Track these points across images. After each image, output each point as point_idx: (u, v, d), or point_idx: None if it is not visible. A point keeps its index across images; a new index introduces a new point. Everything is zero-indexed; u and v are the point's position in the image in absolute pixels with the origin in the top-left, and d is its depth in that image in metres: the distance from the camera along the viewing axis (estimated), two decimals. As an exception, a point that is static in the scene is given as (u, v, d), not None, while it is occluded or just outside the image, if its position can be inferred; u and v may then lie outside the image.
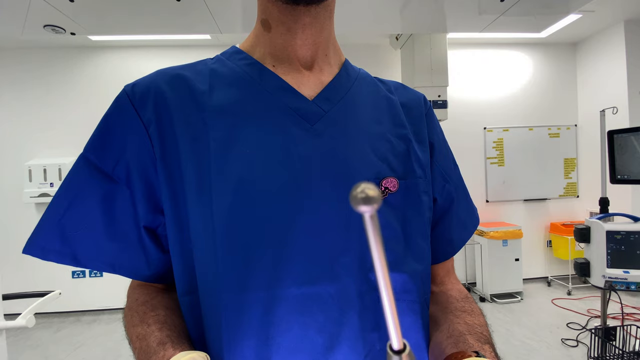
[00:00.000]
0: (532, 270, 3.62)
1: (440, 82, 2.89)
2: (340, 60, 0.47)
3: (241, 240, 0.36)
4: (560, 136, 3.61)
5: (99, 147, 0.40)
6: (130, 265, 0.41)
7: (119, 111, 0.41)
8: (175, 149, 0.38)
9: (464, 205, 0.53)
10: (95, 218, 0.39)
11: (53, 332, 2.96)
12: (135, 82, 0.42)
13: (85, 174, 0.40)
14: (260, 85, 0.41)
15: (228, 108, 0.39)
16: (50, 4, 1.92)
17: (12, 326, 1.22)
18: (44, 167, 3.08)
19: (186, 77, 0.41)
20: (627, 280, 1.37)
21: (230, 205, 0.36)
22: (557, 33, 3.35)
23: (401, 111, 0.46)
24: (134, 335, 0.38)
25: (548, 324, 2.71)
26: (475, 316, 0.43)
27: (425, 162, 0.46)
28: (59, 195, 0.40)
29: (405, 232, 0.41)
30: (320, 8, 0.39)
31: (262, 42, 0.43)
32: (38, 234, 0.39)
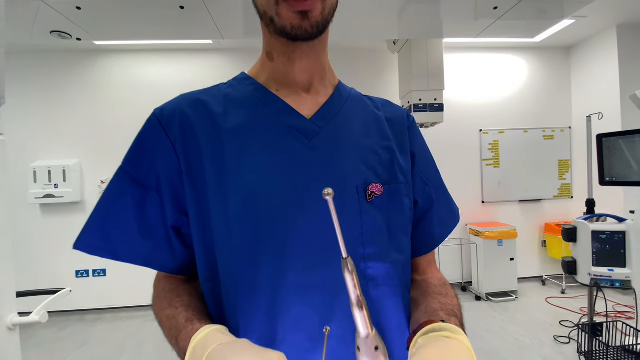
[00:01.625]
0: (527, 269, 3.69)
1: (436, 85, 2.95)
2: (334, 82, 0.54)
3: (251, 237, 0.43)
4: (554, 138, 3.68)
5: (134, 161, 0.48)
6: (159, 259, 0.48)
7: (150, 131, 0.48)
8: (198, 162, 0.45)
9: (445, 205, 0.60)
10: (130, 219, 0.46)
11: (57, 330, 3.02)
12: (163, 106, 0.49)
13: (122, 182, 0.47)
14: (265, 107, 0.48)
15: (240, 127, 0.46)
16: (58, 11, 1.98)
17: (27, 322, 1.28)
18: (48, 169, 3.13)
19: (205, 101, 0.49)
20: (612, 278, 1.43)
21: (242, 209, 0.43)
22: (552, 37, 3.42)
23: (386, 126, 0.53)
24: (163, 317, 0.45)
25: (541, 322, 2.78)
26: (449, 298, 0.49)
27: (407, 169, 0.53)
28: (101, 200, 0.47)
29: (389, 228, 0.48)
30: (316, 41, 0.46)
31: (267, 70, 0.51)
32: (85, 233, 0.46)
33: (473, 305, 3.20)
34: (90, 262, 3.33)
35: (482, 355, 2.33)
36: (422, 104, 2.97)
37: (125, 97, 3.36)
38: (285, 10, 0.41)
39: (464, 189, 3.67)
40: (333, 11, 0.45)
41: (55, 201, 3.13)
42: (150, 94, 3.37)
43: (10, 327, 1.28)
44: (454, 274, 3.64)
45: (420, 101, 2.96)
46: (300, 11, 0.41)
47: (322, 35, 0.46)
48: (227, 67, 3.47)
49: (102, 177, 3.29)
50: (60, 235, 3.27)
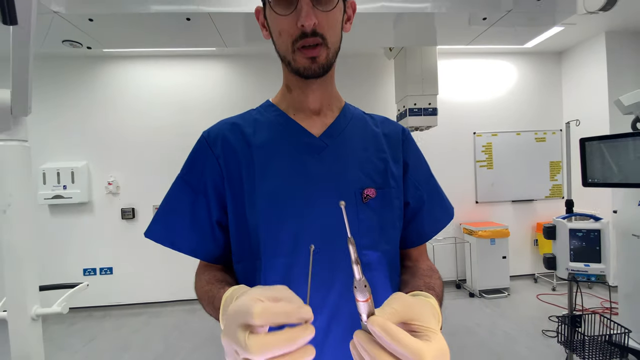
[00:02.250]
0: (519, 267, 3.81)
1: (430, 90, 3.08)
2: (340, 105, 0.67)
3: (273, 228, 0.56)
4: (546, 140, 3.81)
5: (188, 171, 0.62)
6: (205, 249, 0.61)
7: (199, 149, 0.63)
8: (236, 171, 0.59)
9: (438, 204, 0.70)
10: (185, 216, 0.60)
11: (66, 326, 3.13)
12: (209, 130, 0.64)
13: (179, 187, 0.62)
14: (285, 129, 0.62)
15: (265, 144, 0.60)
16: (71, 22, 2.10)
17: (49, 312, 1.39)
18: (57, 171, 3.25)
19: (239, 124, 0.63)
20: (588, 273, 1.55)
21: (266, 206, 0.56)
22: (543, 43, 3.54)
23: (383, 140, 0.65)
24: (202, 293, 0.56)
25: (531, 317, 2.91)
26: (433, 279, 0.58)
27: (398, 176, 0.64)
28: (164, 200, 0.62)
29: (380, 224, 0.60)
30: (323, 78, 0.60)
31: (286, 99, 0.65)
32: (153, 225, 0.61)
33: (466, 302, 3.32)
34: (98, 261, 3.45)
35: (474, 348, 2.45)
36: (417, 108, 3.09)
37: (131, 101, 3.48)
38: (299, 57, 0.55)
39: (459, 189, 3.79)
40: (336, 54, 0.58)
41: (63, 202, 3.25)
42: (155, 98, 3.50)
43: (34, 317, 1.39)
44: (448, 271, 3.77)
45: (415, 105, 3.08)
46: (310, 57, 0.54)
47: (328, 73, 0.59)
48: (229, 72, 3.59)
49: (108, 179, 3.41)
50: (68, 234, 3.39)
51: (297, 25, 0.52)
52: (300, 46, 0.53)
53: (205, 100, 3.55)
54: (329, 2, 0.53)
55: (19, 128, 1.36)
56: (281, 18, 0.53)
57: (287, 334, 0.30)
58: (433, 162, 3.22)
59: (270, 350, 0.30)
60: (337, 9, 0.55)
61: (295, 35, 0.53)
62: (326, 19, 0.53)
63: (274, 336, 0.30)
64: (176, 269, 3.49)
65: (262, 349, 0.30)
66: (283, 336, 0.30)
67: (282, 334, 0.30)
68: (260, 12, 0.61)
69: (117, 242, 3.46)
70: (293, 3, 0.52)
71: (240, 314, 0.32)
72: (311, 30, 0.52)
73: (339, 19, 0.56)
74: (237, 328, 0.31)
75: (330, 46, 0.55)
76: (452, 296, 3.48)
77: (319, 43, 0.53)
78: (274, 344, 0.30)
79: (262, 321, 0.30)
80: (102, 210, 3.44)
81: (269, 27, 0.59)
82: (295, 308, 0.32)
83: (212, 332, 2.90)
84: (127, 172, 3.46)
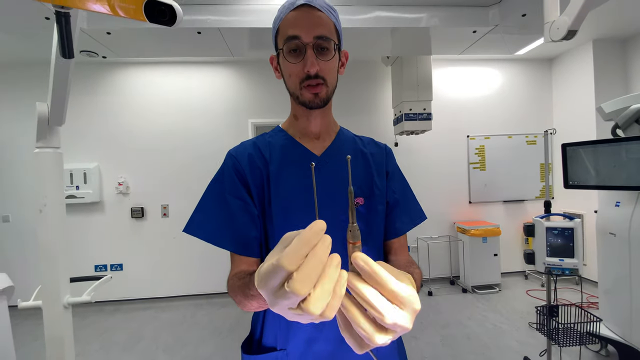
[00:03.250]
0: (510, 264, 3.99)
1: (425, 96, 3.25)
2: (336, 129, 0.83)
3: (284, 224, 0.71)
4: (537, 143, 3.97)
5: (219, 180, 0.75)
6: (241, 243, 0.70)
7: (228, 163, 0.76)
8: (259, 182, 0.74)
9: (408, 208, 0.85)
10: (219, 216, 0.71)
11: (79, 320, 3.30)
12: (235, 149, 0.78)
13: (211, 193, 0.74)
14: (292, 150, 0.77)
15: (277, 163, 0.75)
16: (91, 35, 2.26)
17: (79, 301, 1.55)
18: (70, 172, 3.41)
19: (258, 145, 0.78)
20: (562, 267, 1.72)
21: (279, 212, 0.72)
22: (534, 50, 3.70)
23: (369, 158, 0.81)
24: (236, 289, 0.59)
25: (519, 311, 3.08)
26: (411, 269, 0.65)
27: (382, 187, 0.80)
28: (200, 202, 0.74)
29: (367, 226, 0.76)
30: (323, 108, 0.76)
31: (293, 125, 0.80)
32: (190, 222, 0.72)
33: (459, 297, 3.49)
34: (108, 258, 3.62)
35: (465, 339, 2.62)
36: (413, 113, 3.26)
37: (140, 105, 3.64)
38: (305, 93, 0.71)
39: (453, 190, 3.96)
40: (333, 91, 0.75)
41: (76, 201, 3.41)
42: (163, 102, 3.66)
43: (66, 305, 1.56)
44: (443, 268, 3.94)
45: (410, 110, 3.25)
46: (314, 93, 0.70)
47: (327, 105, 0.76)
48: (233, 77, 3.75)
49: (119, 179, 3.57)
50: (81, 232, 3.56)
51: (304, 70, 0.68)
52: (305, 85, 0.70)
53: (210, 104, 3.71)
54: (328, 54, 0.70)
55: (53, 136, 1.51)
56: (292, 65, 0.70)
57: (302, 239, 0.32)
58: (429, 164, 3.50)
59: (298, 254, 0.31)
60: (334, 59, 0.71)
61: (302, 77, 0.69)
62: (326, 66, 0.70)
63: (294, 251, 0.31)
64: (183, 266, 3.67)
65: (292, 262, 0.30)
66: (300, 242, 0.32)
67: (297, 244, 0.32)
68: (274, 59, 0.77)
69: (127, 240, 3.63)
70: (301, 54, 0.69)
71: (271, 274, 0.31)
72: (314, 74, 0.68)
73: (335, 66, 0.73)
74: (276, 290, 0.32)
75: (329, 85, 0.72)
76: (446, 291, 3.65)
77: (320, 83, 0.70)
78: (298, 249, 0.31)
79: (293, 261, 0.30)
80: (112, 209, 3.60)
81: (281, 71, 0.74)
82: (309, 230, 0.33)
83: (218, 326, 3.07)
84: (137, 173, 3.63)
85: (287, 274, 0.31)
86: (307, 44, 0.67)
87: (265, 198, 0.73)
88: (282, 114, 3.74)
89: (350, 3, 2.26)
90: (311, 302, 0.31)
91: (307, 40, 0.67)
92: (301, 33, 0.67)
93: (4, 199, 3.52)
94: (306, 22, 0.68)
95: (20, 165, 3.51)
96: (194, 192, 3.62)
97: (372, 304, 0.34)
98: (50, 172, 1.55)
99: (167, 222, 3.66)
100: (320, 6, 0.70)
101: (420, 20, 2.31)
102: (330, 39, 0.69)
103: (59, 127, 1.51)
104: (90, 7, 0.87)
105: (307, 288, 0.30)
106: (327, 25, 0.69)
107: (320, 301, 0.31)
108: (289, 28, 0.68)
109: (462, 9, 2.34)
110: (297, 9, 0.69)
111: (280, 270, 0.31)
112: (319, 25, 0.68)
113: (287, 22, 0.69)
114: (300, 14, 0.68)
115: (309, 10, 0.68)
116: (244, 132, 3.72)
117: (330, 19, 0.71)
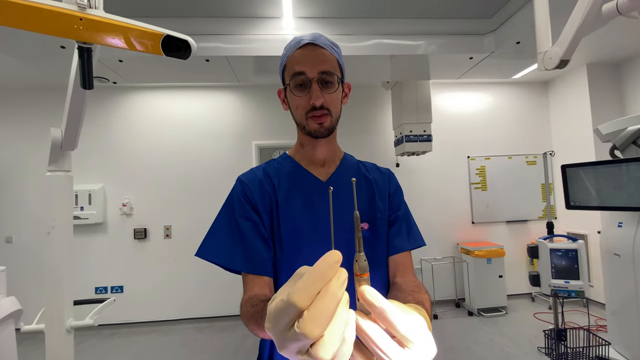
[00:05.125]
0: (516, 286, 3.92)
1: (425, 119, 3.32)
2: (340, 156, 0.86)
3: (292, 249, 0.73)
4: (537, 163, 4.01)
5: (229, 205, 0.77)
6: (254, 264, 0.70)
7: (238, 188, 0.78)
8: (268, 207, 0.76)
9: (407, 227, 0.86)
10: (225, 239, 0.74)
11: (76, 344, 3.22)
12: (245, 175, 0.81)
13: (222, 218, 0.76)
14: (299, 176, 0.80)
15: (285, 189, 0.78)
16: (103, 62, 2.36)
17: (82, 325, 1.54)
18: (75, 193, 3.45)
19: (267, 171, 0.81)
20: (568, 289, 1.71)
21: (288, 235, 0.74)
22: (530, 74, 3.80)
23: (373, 183, 0.84)
24: (249, 316, 0.57)
25: (528, 335, 3.01)
26: (420, 294, 0.63)
27: (384, 209, 0.83)
28: (212, 226, 0.76)
29: (372, 249, 0.78)
30: (328, 137, 0.79)
31: (300, 152, 0.84)
32: (202, 247, 0.73)
33: (465, 320, 3.42)
34: (109, 279, 3.59)
35: (472, 365, 2.55)
36: (413, 135, 3.32)
37: (144, 128, 3.72)
38: (311, 123, 0.75)
39: (455, 210, 3.97)
40: (337, 121, 0.79)
41: (80, 222, 3.43)
42: (166, 125, 3.74)
43: (69, 329, 1.55)
44: (448, 290, 3.88)
45: (411, 132, 3.32)
46: (319, 123, 0.75)
47: (332, 134, 0.80)
48: (238, 101, 3.86)
49: (123, 200, 3.60)
50: (82, 254, 3.55)
51: (309, 102, 0.73)
52: (311, 115, 0.74)
53: (214, 126, 3.79)
54: (332, 87, 0.75)
55: (65, 160, 1.55)
56: (298, 98, 0.74)
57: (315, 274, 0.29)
58: (430, 185, 3.52)
59: (310, 289, 0.28)
60: (337, 91, 0.76)
61: (308, 108, 0.74)
62: (330, 98, 0.74)
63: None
64: (184, 288, 3.62)
65: (303, 298, 0.28)
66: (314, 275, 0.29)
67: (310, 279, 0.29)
68: (281, 92, 0.81)
69: (128, 262, 3.61)
70: (307, 88, 0.73)
71: (281, 311, 0.29)
72: (320, 105, 0.73)
73: (339, 97, 0.77)
74: (285, 330, 0.29)
75: (333, 115, 0.76)
76: (451, 314, 3.58)
77: (325, 113, 0.74)
78: (310, 286, 0.28)
79: (304, 298, 0.28)
80: (115, 230, 3.61)
81: (289, 103, 0.79)
82: (322, 262, 0.30)
83: (220, 350, 3.00)
84: (140, 194, 3.66)
85: (298, 312, 0.28)
86: (312, 79, 0.72)
87: (274, 223, 0.76)
88: (284, 136, 3.82)
89: (353, 32, 2.37)
90: (321, 347, 0.27)
91: (312, 76, 0.72)
92: (306, 69, 0.72)
93: (7, 219, 3.54)
94: (311, 59, 0.73)
95: (25, 186, 3.55)
96: (197, 213, 3.63)
97: (384, 352, 0.30)
98: (61, 194, 1.57)
99: (170, 243, 3.65)
100: (324, 44, 0.75)
101: (418, 48, 2.41)
102: (333, 74, 0.74)
103: (70, 152, 1.55)
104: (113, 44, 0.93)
105: (319, 329, 0.27)
106: (330, 61, 0.74)
107: (331, 346, 0.28)
108: (295, 65, 0.73)
109: (458, 37, 2.45)
110: (303, 47, 0.74)
111: (290, 308, 0.28)
112: (322, 62, 0.73)
113: (294, 60, 0.74)
114: (305, 52, 0.74)
115: (314, 48, 0.74)
116: (247, 153, 3.78)
117: (334, 55, 0.76)
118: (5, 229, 3.54)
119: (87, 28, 0.82)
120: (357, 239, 0.37)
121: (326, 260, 0.31)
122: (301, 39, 0.75)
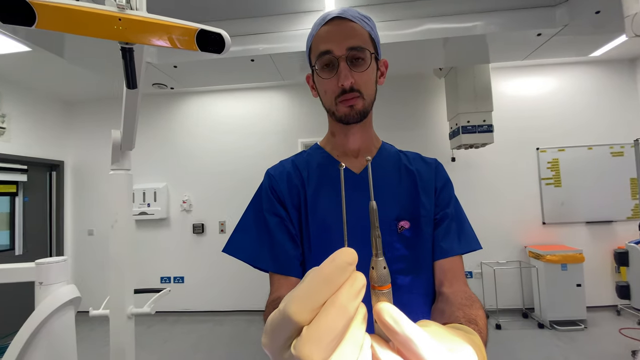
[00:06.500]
0: (598, 297, 3.38)
1: (484, 107, 3.01)
2: (378, 145, 0.77)
3: (321, 248, 0.66)
4: (624, 154, 3.42)
5: (257, 199, 0.72)
6: (283, 262, 0.66)
7: (266, 183, 0.73)
8: (297, 202, 0.70)
9: (458, 227, 0.73)
10: (252, 235, 0.68)
11: (145, 328, 3.56)
12: (273, 168, 0.76)
13: (249, 212, 0.72)
14: (330, 168, 0.73)
15: (315, 181, 0.71)
16: (160, 69, 2.53)
17: (141, 312, 1.65)
18: (143, 191, 3.80)
19: (296, 164, 0.75)
20: (671, 305, 1.39)
21: (316, 233, 0.67)
22: (613, 50, 3.25)
23: (415, 175, 0.72)
24: None
25: (612, 353, 2.57)
26: (473, 309, 0.52)
27: (429, 206, 0.71)
28: (240, 221, 0.71)
29: (413, 251, 0.67)
30: (361, 123, 0.70)
31: (331, 142, 0.76)
32: (229, 242, 0.70)
33: (534, 333, 3.04)
34: (172, 270, 3.89)
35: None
36: (471, 125, 3.04)
37: (202, 130, 3.97)
38: (341, 107, 0.67)
39: (522, 209, 3.55)
40: (371, 104, 0.69)
41: (147, 217, 3.77)
42: (221, 127, 3.95)
43: (130, 316, 1.67)
44: (513, 298, 3.49)
45: (468, 123, 3.04)
46: (349, 105, 0.66)
47: (365, 119, 0.70)
48: (283, 100, 3.92)
49: (183, 197, 3.88)
50: (150, 246, 3.90)
51: (338, 85, 0.64)
52: (341, 100, 0.66)
53: (263, 126, 3.91)
54: (363, 64, 0.65)
55: (125, 159, 1.67)
56: (326, 81, 0.67)
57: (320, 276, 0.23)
58: (491, 180, 3.21)
59: (312, 299, 0.22)
60: (370, 69, 0.66)
61: (337, 92, 0.65)
62: (361, 77, 0.65)
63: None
64: (238, 280, 3.79)
65: (301, 309, 0.22)
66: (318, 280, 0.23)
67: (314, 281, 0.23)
68: (309, 78, 0.74)
69: (188, 254, 3.88)
70: (334, 68, 0.65)
71: (278, 324, 0.23)
72: (349, 87, 0.64)
73: (372, 76, 0.68)
74: (284, 349, 0.23)
75: (366, 98, 0.67)
76: (518, 325, 3.22)
77: (355, 96, 0.65)
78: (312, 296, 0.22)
79: (303, 309, 0.22)
80: (177, 225, 3.91)
81: (317, 88, 0.71)
82: (329, 264, 0.23)
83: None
84: (198, 191, 3.91)
85: (296, 327, 0.22)
86: (340, 57, 0.64)
87: (302, 218, 0.69)
88: (332, 133, 3.77)
89: (401, 17, 2.22)
90: None
91: (340, 53, 0.64)
92: (333, 47, 0.64)
93: (90, 214, 4.04)
94: (338, 35, 0.65)
95: (103, 185, 4.01)
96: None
97: None
98: (122, 191, 1.69)
99: (224, 237, 3.85)
100: (353, 17, 0.66)
101: (475, 28, 2.18)
102: (364, 49, 0.65)
103: (129, 151, 1.66)
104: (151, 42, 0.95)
105: (321, 354, 0.20)
106: (360, 36, 0.65)
107: None
108: (321, 43, 0.66)
109: (522, 12, 2.16)
110: (329, 22, 0.66)
111: (286, 322, 0.22)
112: (351, 37, 0.64)
113: (319, 38, 0.67)
114: (331, 28, 0.66)
115: (341, 22, 0.65)
116: (294, 150, 3.81)
117: (365, 29, 0.67)
118: (88, 223, 4.04)
119: (126, 28, 0.85)
120: (373, 239, 0.28)
121: (335, 260, 0.23)
122: (327, 14, 0.67)
